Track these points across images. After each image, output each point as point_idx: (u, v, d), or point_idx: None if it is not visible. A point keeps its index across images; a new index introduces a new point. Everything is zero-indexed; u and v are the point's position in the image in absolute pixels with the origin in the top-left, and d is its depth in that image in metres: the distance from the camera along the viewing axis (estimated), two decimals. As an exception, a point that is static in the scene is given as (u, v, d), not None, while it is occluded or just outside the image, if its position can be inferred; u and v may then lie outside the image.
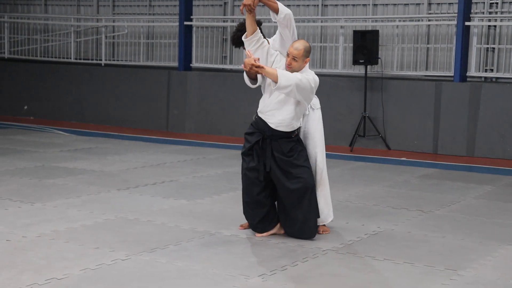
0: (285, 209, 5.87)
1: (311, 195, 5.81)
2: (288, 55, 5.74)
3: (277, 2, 5.87)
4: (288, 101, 5.74)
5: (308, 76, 5.71)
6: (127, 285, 4.71)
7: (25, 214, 6.53)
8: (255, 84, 5.95)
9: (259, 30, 5.86)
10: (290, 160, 5.80)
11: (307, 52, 5.76)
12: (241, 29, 6.10)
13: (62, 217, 6.45)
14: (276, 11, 5.80)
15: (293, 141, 5.85)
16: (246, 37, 5.83)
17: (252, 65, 5.60)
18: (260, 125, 5.86)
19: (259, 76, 5.86)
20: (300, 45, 5.74)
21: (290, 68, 5.73)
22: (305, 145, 6.04)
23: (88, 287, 4.66)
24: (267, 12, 13.71)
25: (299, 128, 5.95)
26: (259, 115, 5.89)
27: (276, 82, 5.57)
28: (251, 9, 5.71)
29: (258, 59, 5.70)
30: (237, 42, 6.18)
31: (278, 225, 6.02)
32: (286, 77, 5.58)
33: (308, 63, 5.82)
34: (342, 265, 5.28)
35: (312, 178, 5.86)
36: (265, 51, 5.86)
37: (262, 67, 5.60)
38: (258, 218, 5.91)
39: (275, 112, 5.79)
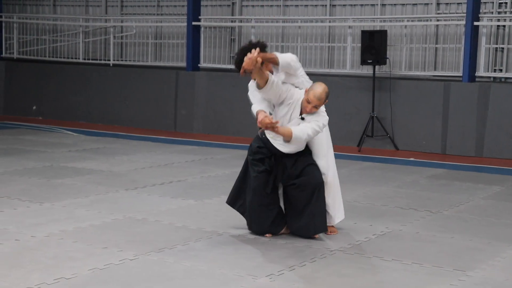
0: (293, 206, 5.87)
1: (319, 192, 5.81)
2: (308, 102, 5.66)
3: (276, 54, 5.69)
4: None
5: (319, 122, 5.72)
6: (135, 285, 4.72)
7: (33, 214, 6.55)
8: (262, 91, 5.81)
9: (270, 76, 5.64)
10: (297, 164, 5.80)
11: (327, 97, 5.74)
12: (244, 53, 5.72)
13: (70, 217, 6.47)
14: (277, 64, 5.67)
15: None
16: (260, 88, 5.66)
17: (268, 124, 5.54)
18: (269, 146, 5.85)
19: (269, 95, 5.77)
20: (322, 92, 5.67)
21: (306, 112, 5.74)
22: (312, 145, 6.05)
23: (96, 286, 4.67)
24: (269, 12, 13.72)
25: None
26: (268, 137, 5.84)
27: (288, 141, 5.66)
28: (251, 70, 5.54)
29: (272, 117, 5.63)
30: (240, 67, 5.91)
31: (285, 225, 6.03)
32: (297, 137, 5.63)
33: None
34: (350, 266, 5.28)
35: (320, 175, 5.85)
36: (278, 92, 5.71)
37: (277, 127, 5.57)
38: (270, 219, 5.87)
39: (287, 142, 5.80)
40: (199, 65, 13.29)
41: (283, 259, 5.37)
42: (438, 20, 11.99)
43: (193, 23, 13.13)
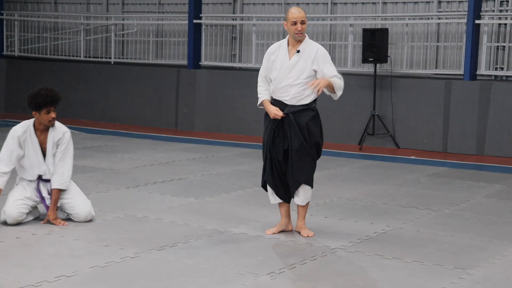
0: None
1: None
2: (294, 23, 5.77)
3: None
4: (297, 82, 5.80)
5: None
6: (136, 283, 4.73)
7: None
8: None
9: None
10: (309, 127, 5.82)
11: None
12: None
13: (71, 215, 6.46)
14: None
15: (312, 109, 5.87)
16: None
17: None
18: (277, 106, 5.87)
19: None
20: (298, 8, 5.89)
21: (301, 34, 5.81)
22: None
23: (97, 284, 4.68)
24: (270, 10, 13.71)
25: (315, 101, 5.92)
26: (273, 96, 5.92)
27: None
28: None
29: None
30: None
31: (287, 220, 6.03)
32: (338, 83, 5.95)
33: None
34: (351, 264, 5.28)
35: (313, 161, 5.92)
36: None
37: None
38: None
39: (288, 88, 5.81)
40: (200, 63, 13.28)
41: (284, 257, 5.37)
42: (439, 18, 11.97)
43: (194, 21, 13.12)
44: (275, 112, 5.81)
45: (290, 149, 5.84)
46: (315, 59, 5.85)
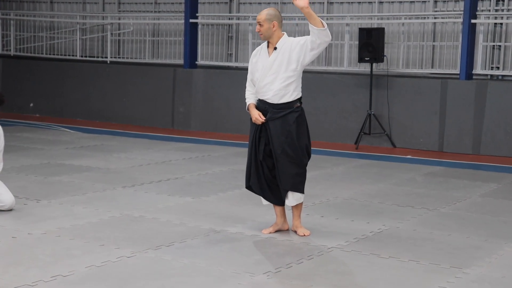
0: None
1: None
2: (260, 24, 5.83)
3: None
4: (277, 79, 5.79)
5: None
6: (132, 282, 4.72)
7: (30, 211, 6.55)
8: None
9: None
10: (291, 133, 5.79)
11: (271, 15, 5.83)
12: None
13: (67, 214, 6.47)
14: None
15: (296, 111, 5.84)
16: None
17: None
18: (261, 107, 5.90)
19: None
20: (263, 11, 5.88)
21: (261, 35, 5.83)
22: None
23: (93, 284, 4.67)
24: (261, 9, 13.71)
25: (300, 98, 5.92)
26: (258, 96, 5.94)
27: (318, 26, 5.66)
28: None
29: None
30: None
31: (283, 219, 6.04)
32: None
33: (281, 28, 5.86)
34: (347, 263, 5.29)
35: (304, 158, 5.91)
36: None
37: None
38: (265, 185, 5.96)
39: (270, 86, 5.82)
40: (196, 62, 13.27)
41: (280, 256, 5.37)
42: (435, 18, 11.98)
43: (191, 20, 13.12)
44: (256, 117, 5.87)
45: (274, 156, 5.85)
46: (292, 48, 5.83)
